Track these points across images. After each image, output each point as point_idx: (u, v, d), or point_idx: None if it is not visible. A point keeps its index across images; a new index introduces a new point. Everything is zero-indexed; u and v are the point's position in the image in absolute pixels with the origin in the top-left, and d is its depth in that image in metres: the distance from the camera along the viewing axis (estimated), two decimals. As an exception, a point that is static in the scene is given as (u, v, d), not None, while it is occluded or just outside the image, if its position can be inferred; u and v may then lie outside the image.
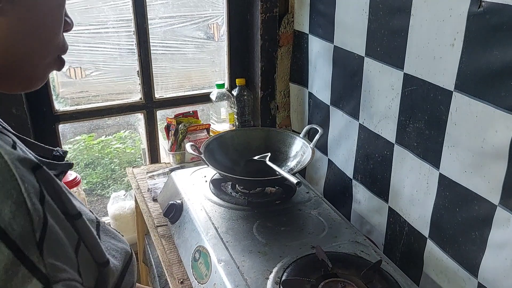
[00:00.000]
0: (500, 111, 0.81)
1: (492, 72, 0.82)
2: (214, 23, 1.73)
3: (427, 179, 1.04)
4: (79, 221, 0.50)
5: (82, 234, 0.49)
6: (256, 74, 1.68)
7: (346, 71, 1.30)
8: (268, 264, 0.98)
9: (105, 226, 0.59)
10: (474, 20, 0.84)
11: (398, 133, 1.12)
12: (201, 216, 1.13)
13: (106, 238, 0.58)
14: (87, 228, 0.51)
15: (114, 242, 0.59)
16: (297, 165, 1.27)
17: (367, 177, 1.29)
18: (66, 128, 1.71)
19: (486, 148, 0.86)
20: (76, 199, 0.57)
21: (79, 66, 1.61)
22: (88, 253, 0.50)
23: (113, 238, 0.59)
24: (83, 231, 0.50)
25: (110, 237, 0.59)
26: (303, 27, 1.51)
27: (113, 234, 0.60)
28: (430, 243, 1.06)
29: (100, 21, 1.54)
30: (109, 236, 0.59)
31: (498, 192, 0.85)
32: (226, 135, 1.39)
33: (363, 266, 0.95)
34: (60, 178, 0.57)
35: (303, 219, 1.16)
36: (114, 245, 0.58)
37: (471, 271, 0.94)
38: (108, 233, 0.59)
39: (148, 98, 1.64)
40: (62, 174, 0.58)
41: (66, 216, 0.48)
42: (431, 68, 0.97)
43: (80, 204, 0.56)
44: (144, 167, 1.62)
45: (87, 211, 0.57)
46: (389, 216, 1.21)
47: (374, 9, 1.13)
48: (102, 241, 0.55)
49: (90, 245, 0.50)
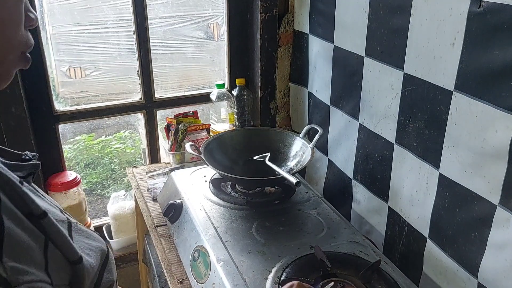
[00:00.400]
0: (500, 111, 0.81)
1: (492, 72, 0.82)
2: (214, 23, 1.73)
3: (427, 179, 1.04)
4: (45, 221, 0.50)
5: (49, 233, 0.50)
6: (256, 74, 1.68)
7: (346, 71, 1.30)
8: (267, 263, 0.98)
9: (77, 226, 0.59)
10: (474, 20, 0.84)
11: (398, 133, 1.12)
12: (200, 216, 1.13)
13: (80, 238, 0.58)
14: (55, 227, 0.50)
15: (88, 241, 0.59)
16: (297, 165, 1.27)
17: (367, 177, 1.29)
18: (66, 128, 1.72)
19: (486, 148, 0.86)
20: (45, 201, 0.57)
21: (79, 65, 1.61)
22: (58, 252, 0.50)
23: (87, 237, 0.59)
24: (50, 230, 0.50)
25: (83, 237, 0.59)
26: (303, 27, 1.51)
27: (87, 233, 0.60)
28: (430, 243, 1.06)
29: (100, 20, 1.54)
30: (83, 235, 0.59)
31: (498, 192, 0.85)
32: (226, 135, 1.38)
33: (362, 266, 0.95)
34: (28, 180, 0.57)
35: (302, 219, 1.16)
36: (88, 244, 0.58)
37: (471, 271, 0.94)
38: (82, 232, 0.59)
39: (148, 98, 1.64)
40: (31, 175, 0.58)
41: (30, 217, 0.48)
42: (431, 68, 0.97)
43: (50, 206, 0.57)
44: (144, 167, 1.62)
45: (56, 212, 0.57)
46: (389, 216, 1.21)
47: (374, 9, 1.13)
48: (75, 241, 0.55)
49: (59, 244, 0.50)
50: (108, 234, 1.69)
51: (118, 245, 1.67)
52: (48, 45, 1.46)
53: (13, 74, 0.54)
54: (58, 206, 0.62)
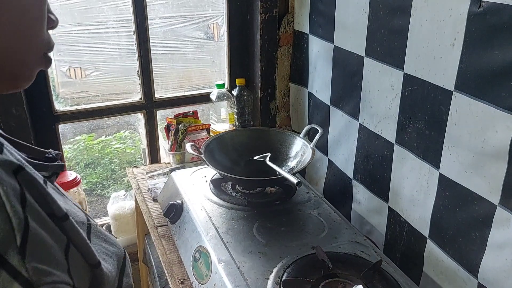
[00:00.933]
0: (500, 111, 0.81)
1: (492, 72, 0.82)
2: (214, 23, 1.73)
3: (427, 179, 1.04)
4: (67, 223, 0.49)
5: (71, 235, 0.49)
6: (256, 74, 1.68)
7: (346, 71, 1.30)
8: (268, 264, 0.98)
9: (96, 228, 0.59)
10: (474, 20, 0.84)
11: (398, 133, 1.12)
12: (201, 216, 1.13)
13: (97, 241, 0.57)
14: (76, 229, 0.50)
15: (106, 246, 0.58)
16: (297, 165, 1.27)
17: (367, 177, 1.29)
18: (66, 128, 1.71)
19: (486, 148, 0.86)
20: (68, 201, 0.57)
21: (79, 66, 1.61)
22: (79, 255, 0.50)
23: (105, 241, 0.59)
24: (72, 233, 0.49)
25: (101, 240, 0.58)
26: (303, 27, 1.51)
27: (105, 236, 0.60)
28: (430, 243, 1.06)
29: (100, 21, 1.54)
30: (101, 239, 0.58)
31: (498, 192, 0.85)
32: (226, 135, 1.39)
33: (363, 266, 0.95)
34: (52, 179, 0.57)
35: (303, 219, 1.16)
36: (105, 249, 0.58)
37: (471, 271, 0.94)
38: (100, 235, 0.59)
39: (148, 98, 1.64)
40: (54, 175, 0.58)
41: (53, 218, 0.48)
42: (431, 68, 0.97)
43: (72, 206, 0.56)
44: (144, 167, 1.62)
45: (78, 213, 0.57)
46: (389, 216, 1.21)
47: (374, 9, 1.13)
48: (93, 244, 0.55)
49: (80, 247, 0.50)
50: (108, 234, 1.69)
51: (119, 245, 1.67)
52: (48, 45, 1.46)
53: (35, 74, 0.54)
54: (78, 205, 0.62)
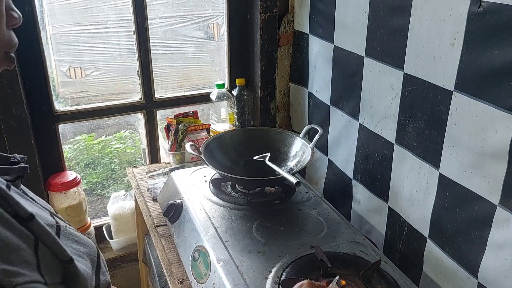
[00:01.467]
0: (500, 111, 0.81)
1: (492, 72, 0.82)
2: (214, 23, 1.73)
3: (427, 179, 1.04)
4: (33, 223, 0.50)
5: (38, 234, 0.50)
6: (256, 74, 1.68)
7: (346, 71, 1.30)
8: (267, 263, 0.98)
9: (66, 230, 0.59)
10: (474, 20, 0.84)
11: (398, 133, 1.12)
12: (200, 216, 1.13)
13: (68, 242, 0.58)
14: (43, 228, 0.51)
15: (77, 247, 0.59)
16: (297, 165, 1.27)
17: (367, 177, 1.29)
18: (66, 128, 1.71)
19: (486, 148, 0.86)
20: (34, 205, 0.57)
21: (79, 66, 1.61)
22: (49, 251, 0.51)
23: (76, 241, 0.59)
24: (39, 232, 0.51)
25: (72, 241, 0.59)
26: (303, 27, 1.51)
27: (76, 237, 0.60)
28: (430, 243, 1.06)
29: (100, 21, 1.54)
30: (71, 240, 0.59)
31: (498, 192, 0.85)
32: (226, 135, 1.39)
33: (362, 266, 0.95)
34: (16, 183, 0.57)
35: (302, 219, 1.16)
36: (76, 250, 0.58)
37: (471, 271, 0.94)
38: (71, 236, 0.59)
39: (148, 98, 1.64)
40: (19, 179, 0.58)
41: (17, 219, 0.49)
42: (431, 68, 0.97)
43: (39, 210, 0.57)
44: (144, 167, 1.62)
45: (45, 216, 0.57)
46: (389, 216, 1.21)
47: (374, 9, 1.13)
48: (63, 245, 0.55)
49: (48, 244, 0.51)
50: (108, 234, 1.69)
51: (118, 245, 1.67)
52: (48, 45, 1.46)
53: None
54: (49, 209, 0.62)
